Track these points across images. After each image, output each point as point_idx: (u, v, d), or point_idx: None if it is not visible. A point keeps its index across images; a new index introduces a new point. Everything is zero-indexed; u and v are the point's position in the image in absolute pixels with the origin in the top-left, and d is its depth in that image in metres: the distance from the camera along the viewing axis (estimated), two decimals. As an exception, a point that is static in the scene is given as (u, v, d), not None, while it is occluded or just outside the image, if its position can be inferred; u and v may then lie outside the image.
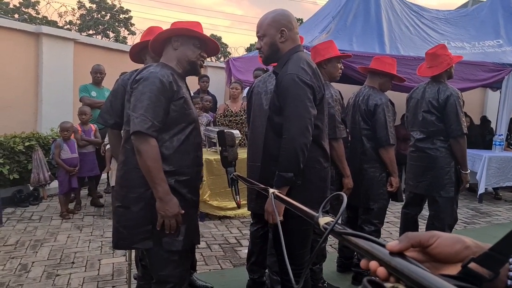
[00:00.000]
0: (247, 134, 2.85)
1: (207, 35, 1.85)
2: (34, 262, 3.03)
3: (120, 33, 27.32)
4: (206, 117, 4.84)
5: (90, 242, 3.51)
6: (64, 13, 21.86)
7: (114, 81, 2.43)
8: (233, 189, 1.84)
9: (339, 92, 2.65)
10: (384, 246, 0.54)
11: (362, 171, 2.78)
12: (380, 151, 2.74)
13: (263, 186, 1.21)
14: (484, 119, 7.23)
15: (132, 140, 1.68)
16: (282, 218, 1.78)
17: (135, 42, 2.97)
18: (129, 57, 2.41)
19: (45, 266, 2.98)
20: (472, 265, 0.47)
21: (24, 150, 4.45)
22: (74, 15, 26.01)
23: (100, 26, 26.00)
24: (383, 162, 2.76)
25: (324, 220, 0.71)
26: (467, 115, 5.78)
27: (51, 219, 4.10)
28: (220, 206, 4.28)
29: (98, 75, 4.90)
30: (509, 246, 0.46)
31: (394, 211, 4.77)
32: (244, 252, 3.30)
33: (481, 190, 5.55)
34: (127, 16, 27.97)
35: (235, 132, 3.53)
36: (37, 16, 21.61)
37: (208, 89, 6.04)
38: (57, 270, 2.92)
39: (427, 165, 2.96)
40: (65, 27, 22.28)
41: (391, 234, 4.10)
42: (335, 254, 3.18)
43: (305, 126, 1.75)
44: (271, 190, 1.08)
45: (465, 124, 2.87)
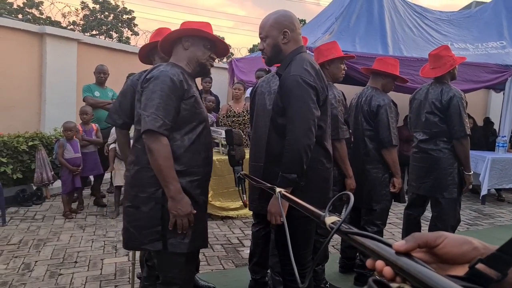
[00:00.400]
0: (249, 135, 2.85)
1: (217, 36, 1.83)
2: (37, 261, 3.04)
3: (123, 33, 27.37)
4: (209, 117, 4.84)
5: (92, 242, 3.52)
6: (67, 13, 21.98)
7: (118, 81, 2.44)
8: (240, 188, 1.83)
9: (342, 93, 2.64)
10: (391, 246, 0.54)
11: (364, 172, 2.77)
12: (383, 152, 2.73)
13: (270, 185, 1.21)
14: (487, 121, 7.20)
15: (143, 139, 1.65)
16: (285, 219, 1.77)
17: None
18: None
19: (48, 265, 2.99)
20: (479, 266, 0.47)
21: (27, 150, 4.47)
22: (77, 16, 26.06)
23: (104, 27, 26.04)
24: (385, 163, 2.76)
25: (330, 219, 0.71)
26: (470, 117, 5.77)
27: (54, 219, 4.12)
28: (223, 207, 4.28)
29: (101, 75, 4.91)
30: None
31: (396, 212, 4.77)
32: (246, 252, 3.30)
33: (484, 192, 5.53)
34: (130, 16, 28.00)
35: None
36: (40, 16, 21.66)
37: (211, 89, 6.04)
38: (60, 270, 2.92)
39: (430, 166, 2.95)
40: (68, 28, 22.36)
41: (393, 235, 4.09)
42: (338, 255, 3.18)
43: (308, 127, 1.74)
44: (278, 189, 1.08)
45: (468, 125, 2.86)
